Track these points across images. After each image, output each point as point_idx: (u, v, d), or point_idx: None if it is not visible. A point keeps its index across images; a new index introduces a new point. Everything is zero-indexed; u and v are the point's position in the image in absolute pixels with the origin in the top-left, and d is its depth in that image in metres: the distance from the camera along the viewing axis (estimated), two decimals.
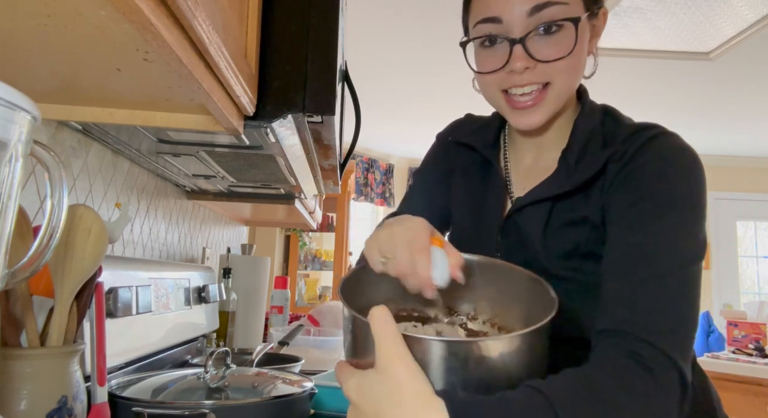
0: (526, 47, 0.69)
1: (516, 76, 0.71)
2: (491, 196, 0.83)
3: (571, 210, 0.74)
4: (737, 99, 3.73)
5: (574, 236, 0.73)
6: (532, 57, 0.69)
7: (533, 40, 0.69)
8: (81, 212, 0.66)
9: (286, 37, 0.79)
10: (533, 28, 0.69)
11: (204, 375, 0.87)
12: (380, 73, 3.53)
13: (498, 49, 0.72)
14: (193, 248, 1.81)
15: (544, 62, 0.70)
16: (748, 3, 2.49)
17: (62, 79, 0.63)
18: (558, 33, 0.69)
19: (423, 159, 0.98)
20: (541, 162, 0.81)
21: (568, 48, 0.69)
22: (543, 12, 0.68)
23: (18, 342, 0.62)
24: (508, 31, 0.70)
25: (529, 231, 0.76)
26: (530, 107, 0.72)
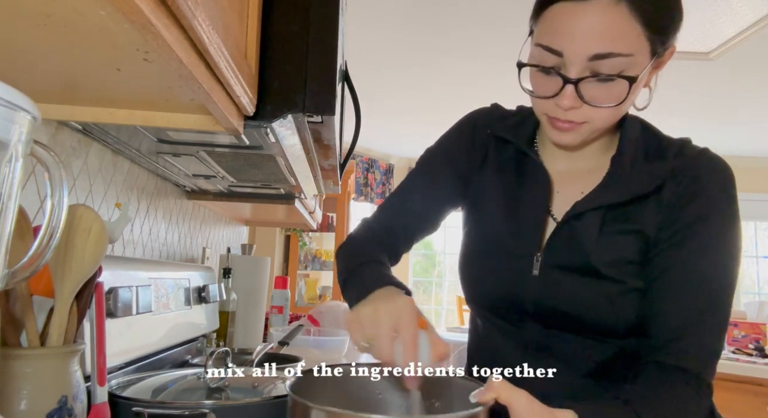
0: (579, 90, 0.70)
1: (559, 110, 0.73)
2: (530, 195, 0.84)
3: (625, 220, 0.77)
4: (737, 99, 3.73)
5: (626, 245, 0.76)
6: (581, 98, 0.70)
7: (586, 83, 0.70)
8: (81, 212, 0.66)
9: (286, 37, 0.79)
10: (589, 75, 0.69)
11: (204, 375, 0.87)
12: (380, 73, 3.53)
13: (551, 79, 0.72)
14: (193, 248, 1.81)
15: (590, 106, 0.71)
16: (748, 3, 2.48)
17: (62, 79, 0.63)
18: (612, 82, 0.69)
19: (441, 142, 0.94)
20: (577, 169, 0.84)
21: (618, 100, 0.70)
22: (604, 61, 0.68)
23: (18, 342, 0.62)
24: (565, 67, 0.70)
25: (584, 235, 0.77)
26: (567, 130, 0.75)
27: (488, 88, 3.53)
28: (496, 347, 0.87)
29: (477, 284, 0.88)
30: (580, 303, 0.77)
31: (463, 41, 2.98)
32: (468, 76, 3.50)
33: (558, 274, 0.79)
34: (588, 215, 0.77)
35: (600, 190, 0.78)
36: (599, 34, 0.66)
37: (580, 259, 0.77)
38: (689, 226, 0.74)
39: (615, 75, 0.68)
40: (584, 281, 0.77)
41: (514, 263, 0.82)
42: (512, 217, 0.84)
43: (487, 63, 3.25)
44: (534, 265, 0.80)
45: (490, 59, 3.19)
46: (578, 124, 0.74)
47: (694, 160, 0.76)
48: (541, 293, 0.79)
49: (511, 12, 2.59)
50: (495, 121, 0.90)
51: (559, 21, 0.69)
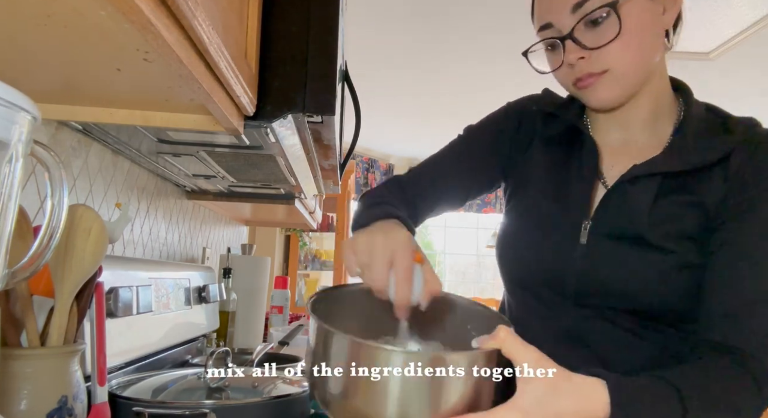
0: (575, 39, 0.73)
1: (576, 67, 0.75)
2: (578, 166, 0.82)
3: (684, 190, 0.74)
4: (737, 99, 3.73)
5: (683, 216, 0.73)
6: (583, 47, 0.73)
7: (582, 32, 0.73)
8: (81, 212, 0.66)
9: (286, 37, 0.79)
10: (577, 23, 0.72)
11: (204, 375, 0.87)
12: (380, 73, 3.53)
13: (557, 50, 0.76)
14: (193, 248, 1.81)
15: (595, 49, 0.72)
16: (748, 3, 2.48)
17: (62, 79, 0.63)
18: (606, 20, 0.72)
19: (485, 121, 0.93)
20: (631, 141, 0.81)
21: (614, 32, 0.71)
22: (584, 6, 0.72)
23: (18, 342, 0.62)
24: (559, 32, 0.75)
25: (637, 202, 0.74)
26: (591, 85, 0.75)
27: (489, 88, 3.54)
28: (529, 334, 0.82)
29: (517, 260, 0.84)
30: (628, 276, 0.72)
31: (463, 41, 2.98)
32: (468, 76, 3.50)
33: (607, 243, 0.75)
34: (643, 181, 0.75)
35: (659, 158, 0.76)
36: None
37: (632, 227, 0.73)
38: (758, 197, 0.70)
39: (596, 9, 0.71)
40: (635, 251, 0.72)
41: (560, 234, 0.78)
42: (560, 188, 0.82)
43: (488, 63, 3.25)
44: (582, 234, 0.77)
45: (491, 59, 3.19)
46: (599, 75, 0.74)
47: (761, 135, 0.74)
48: (587, 264, 0.75)
49: (512, 12, 2.59)
50: (544, 101, 0.91)
51: (539, 2, 0.77)
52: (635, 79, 0.75)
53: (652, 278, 0.71)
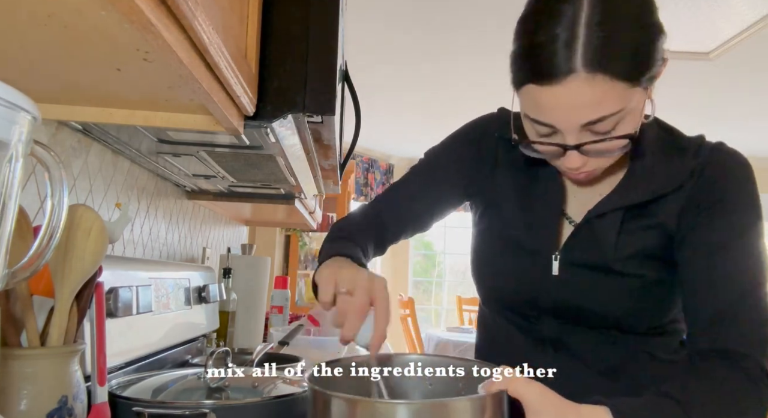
0: (581, 151, 0.69)
1: (570, 169, 0.72)
2: (543, 197, 0.83)
3: (644, 216, 0.77)
4: (737, 99, 3.73)
5: (645, 240, 0.76)
6: (586, 155, 0.70)
7: (587, 144, 0.69)
8: (81, 212, 0.66)
9: (286, 37, 0.79)
10: (587, 140, 0.68)
11: (204, 375, 0.87)
12: (381, 73, 3.53)
13: (551, 144, 0.71)
14: (193, 248, 1.81)
15: (597, 158, 0.71)
16: (748, 3, 2.49)
17: (62, 79, 0.63)
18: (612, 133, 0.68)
19: (445, 144, 0.93)
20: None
21: (623, 150, 0.70)
22: (597, 125, 0.66)
23: (18, 342, 0.62)
24: (561, 137, 0.69)
25: (604, 235, 0.77)
26: (582, 179, 0.76)
27: (489, 87, 3.53)
28: (510, 343, 0.87)
29: (493, 283, 0.87)
30: (598, 299, 0.77)
31: (464, 41, 2.98)
32: (469, 76, 3.50)
33: (578, 272, 0.79)
34: (609, 215, 0.77)
35: (621, 191, 0.78)
36: (584, 107, 0.65)
37: (600, 257, 0.77)
38: (713, 209, 0.73)
39: (612, 131, 0.67)
40: (604, 278, 0.77)
41: (532, 262, 0.82)
42: (528, 217, 0.84)
43: (488, 62, 3.25)
44: (553, 264, 0.80)
45: (491, 59, 3.19)
46: (593, 171, 0.74)
47: (714, 154, 0.76)
48: (561, 291, 0.79)
49: (513, 12, 2.59)
50: (504, 125, 0.87)
51: (539, 99, 0.67)
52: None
53: (622, 301, 0.76)
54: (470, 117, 0.96)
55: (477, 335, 0.97)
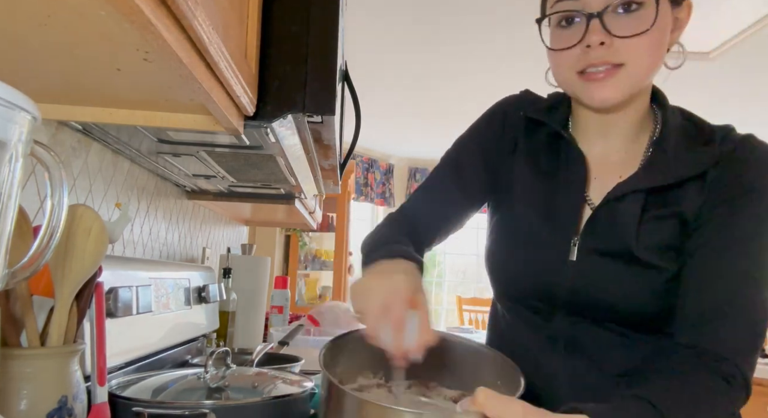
0: (604, 22, 0.68)
1: (591, 52, 0.70)
2: (565, 179, 0.80)
3: (665, 203, 0.74)
4: (737, 99, 3.73)
5: (666, 229, 0.73)
6: (609, 32, 0.69)
7: (611, 16, 0.69)
8: (81, 211, 0.66)
9: (286, 37, 0.79)
10: (612, 4, 0.68)
11: (204, 375, 0.87)
12: (381, 73, 3.53)
13: (575, 28, 0.71)
14: (193, 248, 1.81)
15: (620, 38, 0.69)
16: (748, 3, 2.49)
17: (62, 79, 0.63)
18: (637, 11, 0.69)
19: (471, 130, 0.91)
20: (613, 152, 0.80)
21: (647, 25, 0.68)
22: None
23: (18, 342, 0.62)
24: (585, 7, 0.70)
25: (624, 219, 0.74)
26: (602, 80, 0.71)
27: (489, 88, 3.53)
28: (522, 342, 0.83)
29: (508, 275, 0.84)
30: (618, 290, 0.74)
31: (464, 41, 2.98)
32: (469, 76, 3.50)
33: (596, 259, 0.75)
34: (629, 198, 0.74)
35: (643, 173, 0.75)
36: None
37: (620, 244, 0.74)
38: (731, 203, 0.71)
39: (637, 8, 0.68)
40: (624, 267, 0.73)
41: (549, 250, 0.79)
42: (547, 203, 0.81)
43: (488, 63, 3.25)
44: (571, 250, 0.77)
45: (491, 59, 3.19)
46: (615, 69, 0.70)
47: (741, 145, 0.74)
48: (578, 279, 0.76)
49: (513, 11, 2.59)
50: (527, 105, 0.87)
51: None
52: (642, 83, 0.74)
53: (641, 293, 0.73)
54: (472, 117, 0.95)
55: (487, 334, 0.94)
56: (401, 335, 0.60)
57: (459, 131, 0.94)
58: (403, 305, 0.60)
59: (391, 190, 5.78)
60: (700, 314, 0.68)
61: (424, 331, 0.61)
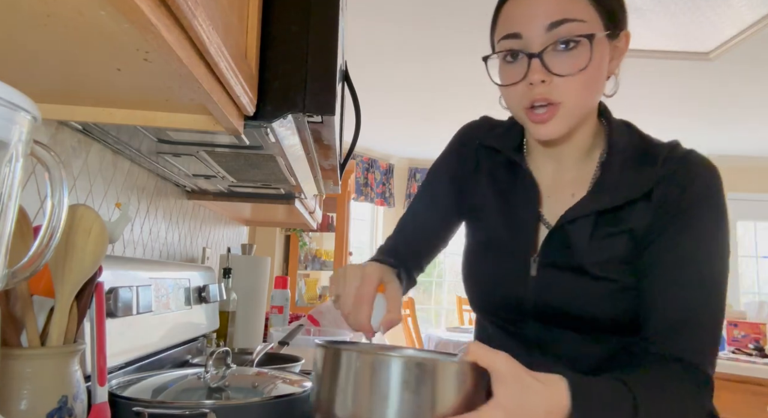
0: (544, 61, 0.73)
1: (534, 89, 0.74)
2: (522, 200, 0.86)
3: (616, 222, 0.79)
4: (737, 99, 3.73)
5: (616, 245, 0.78)
6: (549, 70, 0.73)
7: (551, 55, 0.73)
8: (81, 212, 0.66)
9: (286, 37, 0.79)
10: (550, 43, 0.73)
11: (204, 375, 0.87)
12: (381, 73, 3.53)
13: (519, 64, 0.76)
14: (193, 248, 1.81)
15: (559, 76, 0.73)
16: (748, 3, 2.49)
17: (62, 79, 0.63)
18: (574, 49, 0.73)
19: (439, 157, 0.99)
20: (565, 174, 0.86)
21: (584, 63, 0.73)
22: (560, 28, 0.72)
23: (18, 342, 0.62)
24: (527, 46, 0.74)
25: (576, 240, 0.80)
26: (545, 121, 0.76)
27: (489, 87, 3.53)
28: (501, 347, 0.88)
29: (478, 286, 0.90)
30: (576, 301, 0.79)
31: (464, 41, 2.98)
32: (469, 76, 3.50)
33: (554, 273, 0.81)
34: (580, 221, 0.80)
35: (591, 197, 0.80)
36: (549, 6, 0.73)
37: (574, 261, 0.79)
38: (679, 218, 0.75)
39: (575, 36, 0.72)
40: (579, 279, 0.79)
41: (512, 264, 0.84)
42: (507, 220, 0.87)
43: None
44: (531, 266, 0.83)
45: None
46: (554, 108, 0.75)
47: (683, 162, 0.78)
48: (540, 292, 0.82)
49: None
50: (484, 132, 0.94)
51: (511, 10, 0.76)
52: (581, 116, 0.79)
53: (597, 302, 0.78)
54: (471, 117, 0.98)
55: (473, 337, 1.00)
56: (364, 311, 0.71)
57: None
58: (372, 286, 0.72)
59: (391, 190, 5.78)
60: (666, 327, 0.73)
61: (391, 310, 0.71)
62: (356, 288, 0.72)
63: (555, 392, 0.60)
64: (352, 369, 0.58)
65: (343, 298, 0.73)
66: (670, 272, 0.75)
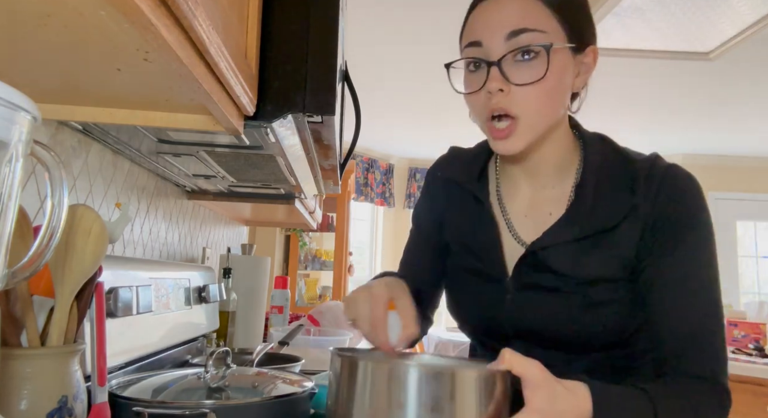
0: (502, 70, 0.73)
1: (493, 98, 0.74)
2: (485, 229, 0.87)
3: (596, 244, 0.78)
4: (737, 99, 3.73)
5: (597, 268, 0.78)
6: (507, 79, 0.73)
7: (510, 64, 0.73)
8: (81, 212, 0.66)
9: (286, 37, 0.79)
10: (509, 52, 0.73)
11: (204, 375, 0.87)
12: (380, 73, 3.53)
13: (480, 72, 0.76)
14: (193, 248, 1.81)
15: (517, 85, 0.73)
16: (748, 3, 2.49)
17: (62, 79, 0.63)
18: (534, 60, 0.72)
19: (421, 194, 1.01)
20: (542, 191, 0.85)
21: (542, 73, 0.72)
22: (519, 37, 0.72)
23: (18, 342, 0.62)
24: (487, 54, 0.74)
25: (551, 263, 0.79)
26: (504, 137, 0.75)
27: None
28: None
29: (460, 311, 0.91)
30: (551, 320, 0.79)
31: None
32: None
33: (528, 294, 0.81)
34: (553, 247, 0.79)
35: (564, 223, 0.79)
36: (510, 15, 0.73)
37: (550, 281, 0.79)
38: (674, 235, 0.75)
39: (533, 46, 0.72)
40: (552, 299, 0.79)
41: (488, 290, 0.85)
42: (478, 246, 0.87)
43: None
44: (506, 289, 0.83)
45: None
46: (513, 124, 0.74)
47: (667, 179, 0.77)
48: (516, 314, 0.82)
49: None
50: (447, 165, 0.95)
51: (474, 19, 0.77)
52: (541, 131, 0.77)
53: (573, 319, 0.78)
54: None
55: (469, 352, 1.02)
56: (383, 333, 0.71)
57: (459, 131, 0.96)
58: (381, 307, 0.72)
59: (391, 190, 5.78)
60: (681, 344, 0.74)
61: (406, 326, 0.71)
62: (368, 311, 0.72)
63: (580, 398, 0.62)
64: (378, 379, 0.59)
65: (359, 322, 0.74)
66: (675, 290, 0.75)
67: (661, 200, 0.76)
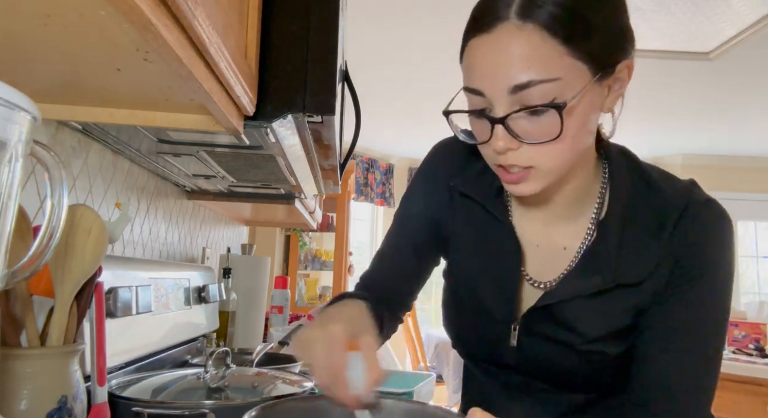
0: (508, 127, 0.62)
1: (500, 156, 0.64)
2: (503, 259, 0.77)
3: (619, 297, 0.70)
4: (737, 99, 3.73)
5: (613, 321, 0.71)
6: (514, 136, 0.62)
7: (517, 119, 0.62)
8: (81, 211, 0.66)
9: (286, 37, 0.79)
10: (517, 109, 0.61)
11: (204, 375, 0.87)
12: (380, 73, 3.53)
13: (483, 122, 0.65)
14: (193, 248, 1.81)
15: (528, 144, 0.63)
16: (748, 3, 2.48)
17: (62, 79, 0.63)
18: (545, 115, 0.60)
19: (410, 188, 0.90)
20: (557, 221, 0.76)
21: (552, 134, 0.61)
22: (528, 91, 0.59)
23: (18, 342, 0.62)
24: (491, 106, 0.63)
25: (566, 315, 0.72)
26: (516, 182, 0.66)
27: None
28: (482, 382, 0.88)
29: (458, 336, 0.85)
30: (559, 370, 0.75)
31: None
32: None
33: (537, 343, 0.75)
34: (567, 302, 0.72)
35: (582, 272, 0.71)
36: (513, 61, 0.59)
37: (562, 336, 0.73)
38: (690, 284, 0.69)
39: (543, 105, 0.59)
40: (564, 352, 0.73)
41: (493, 327, 0.78)
42: (485, 277, 0.79)
43: None
44: (512, 334, 0.76)
45: None
46: (526, 171, 0.65)
47: (699, 222, 0.69)
48: (520, 358, 0.77)
49: None
50: (455, 170, 0.83)
51: (473, 58, 0.64)
52: (560, 174, 0.67)
53: (584, 373, 0.74)
54: None
55: (463, 366, 0.96)
56: (345, 383, 0.58)
57: None
58: (339, 351, 0.59)
59: (391, 190, 5.77)
60: (678, 391, 0.68)
61: (371, 371, 0.58)
62: (324, 356, 0.59)
63: None
64: None
65: (315, 370, 0.60)
66: (674, 337, 0.69)
67: (688, 248, 0.69)
